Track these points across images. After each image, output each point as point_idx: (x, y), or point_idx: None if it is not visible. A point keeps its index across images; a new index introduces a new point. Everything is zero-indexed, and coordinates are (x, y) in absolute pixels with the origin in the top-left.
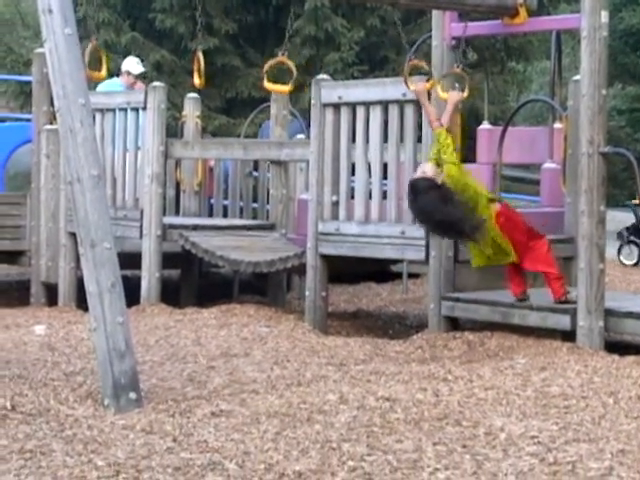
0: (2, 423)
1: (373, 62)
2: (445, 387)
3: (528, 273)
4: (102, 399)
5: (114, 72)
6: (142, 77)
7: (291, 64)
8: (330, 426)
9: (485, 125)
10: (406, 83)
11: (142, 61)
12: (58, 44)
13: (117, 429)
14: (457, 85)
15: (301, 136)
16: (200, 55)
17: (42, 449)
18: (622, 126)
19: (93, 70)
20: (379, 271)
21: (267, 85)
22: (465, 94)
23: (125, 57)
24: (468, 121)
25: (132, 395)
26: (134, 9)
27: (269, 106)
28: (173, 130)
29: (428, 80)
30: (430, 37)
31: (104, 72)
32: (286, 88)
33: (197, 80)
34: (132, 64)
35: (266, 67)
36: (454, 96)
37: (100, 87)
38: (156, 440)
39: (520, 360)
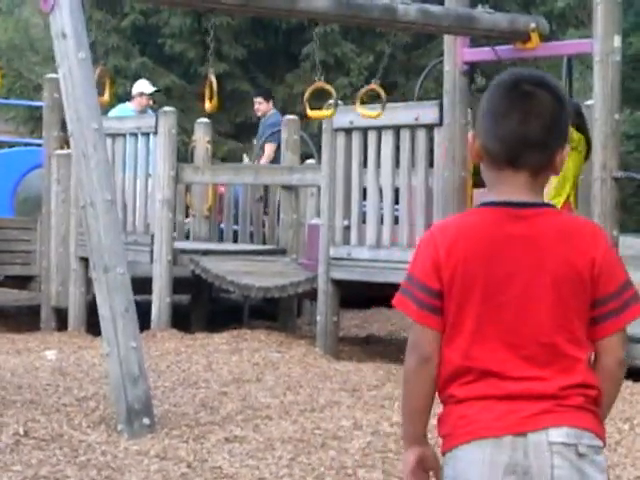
0: (15, 448)
1: (382, 87)
2: None
3: None
4: (115, 424)
5: (124, 97)
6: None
7: (330, 88)
8: (345, 452)
9: None
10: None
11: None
12: (72, 68)
13: (131, 455)
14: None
15: (311, 161)
16: (213, 78)
17: (56, 475)
18: (630, 151)
19: (99, 95)
20: (390, 296)
21: (310, 114)
22: None
23: (135, 82)
24: None
25: (145, 420)
26: (144, 34)
27: (279, 131)
28: (182, 155)
29: None
30: (440, 62)
31: (107, 97)
32: (329, 112)
33: (208, 104)
34: (144, 84)
35: (306, 96)
36: None
37: (112, 112)
38: (170, 466)
39: None
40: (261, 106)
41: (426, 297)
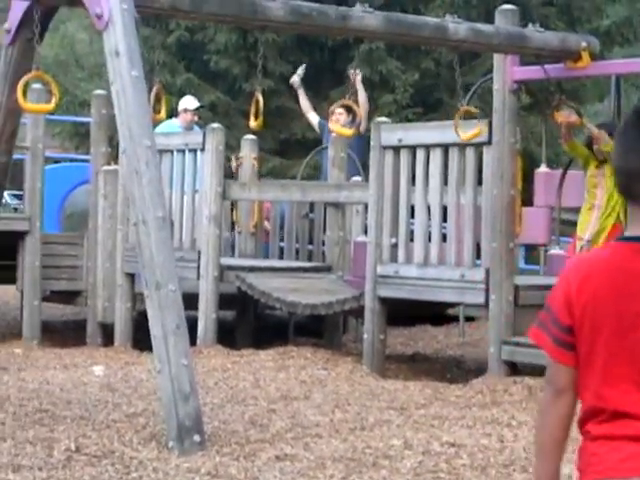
0: (67, 464)
1: (427, 104)
2: (509, 433)
3: None
4: (166, 441)
5: (169, 114)
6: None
7: (356, 107)
8: (396, 471)
9: (543, 168)
10: (456, 130)
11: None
12: (125, 86)
13: (182, 472)
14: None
15: (357, 178)
16: (259, 96)
17: None
18: None
19: (154, 112)
20: (436, 314)
21: (332, 127)
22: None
23: (180, 98)
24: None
25: (196, 438)
26: (189, 50)
27: (325, 148)
28: (227, 171)
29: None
30: (486, 81)
31: (163, 114)
32: (349, 131)
33: (253, 122)
34: (189, 100)
35: (331, 109)
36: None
37: (158, 128)
38: None
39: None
40: (341, 117)
41: (559, 333)
